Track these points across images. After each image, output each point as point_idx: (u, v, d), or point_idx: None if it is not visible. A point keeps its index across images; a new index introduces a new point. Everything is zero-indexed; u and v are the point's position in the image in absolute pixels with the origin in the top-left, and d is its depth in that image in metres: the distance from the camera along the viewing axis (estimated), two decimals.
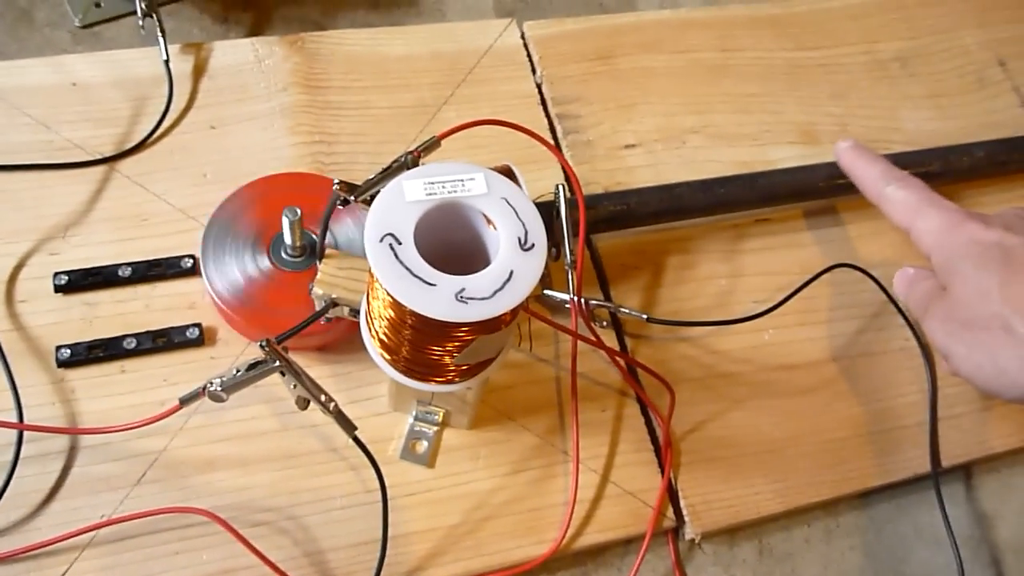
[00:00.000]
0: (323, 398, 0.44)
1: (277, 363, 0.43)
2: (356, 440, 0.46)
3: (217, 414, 0.53)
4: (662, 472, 0.57)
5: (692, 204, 0.62)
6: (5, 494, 0.49)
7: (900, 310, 0.65)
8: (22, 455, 0.50)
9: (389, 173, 0.45)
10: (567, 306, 0.57)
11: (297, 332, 0.45)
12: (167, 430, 0.52)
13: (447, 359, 0.42)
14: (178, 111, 0.62)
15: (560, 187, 0.57)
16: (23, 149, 0.59)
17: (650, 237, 0.64)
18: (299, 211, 0.51)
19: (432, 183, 0.39)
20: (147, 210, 0.58)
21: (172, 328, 0.55)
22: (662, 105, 0.70)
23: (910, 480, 0.61)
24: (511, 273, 0.38)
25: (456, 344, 0.40)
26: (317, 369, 0.55)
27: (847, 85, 0.75)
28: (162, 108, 0.61)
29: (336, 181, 0.45)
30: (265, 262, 0.54)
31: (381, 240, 0.37)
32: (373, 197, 0.45)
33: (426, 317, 0.37)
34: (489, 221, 0.39)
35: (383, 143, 0.64)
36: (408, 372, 0.44)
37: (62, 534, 0.48)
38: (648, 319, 0.57)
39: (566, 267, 0.56)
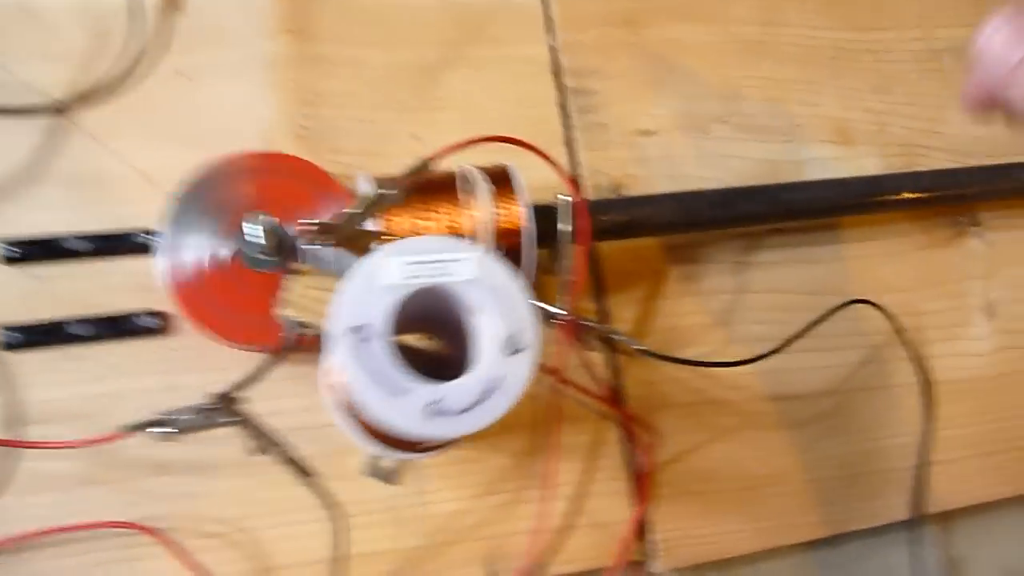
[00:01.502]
0: (278, 449, 0.41)
1: (234, 419, 0.39)
2: (313, 487, 0.43)
3: None
4: (639, 504, 0.54)
5: (708, 219, 0.56)
6: None
7: (907, 344, 0.61)
8: None
9: (368, 207, 0.40)
10: (554, 321, 0.53)
11: (256, 380, 0.41)
12: (118, 425, 0.49)
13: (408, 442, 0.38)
14: (146, 52, 0.55)
15: (563, 197, 0.51)
16: None
17: (655, 242, 0.59)
18: (273, 220, 0.45)
19: (413, 263, 0.34)
20: (105, 171, 0.52)
21: (129, 314, 0.50)
22: (689, 86, 0.63)
23: None
24: (493, 382, 0.33)
25: None
26: (279, 369, 0.51)
27: (893, 77, 0.68)
28: (127, 47, 0.54)
29: (304, 222, 0.39)
30: (228, 256, 0.49)
31: (348, 334, 0.33)
32: (347, 238, 0.40)
33: None
34: (476, 312, 0.35)
35: (375, 109, 0.57)
36: (370, 434, 0.40)
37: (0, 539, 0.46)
38: (640, 350, 0.54)
39: (559, 287, 0.51)
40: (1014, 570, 0.62)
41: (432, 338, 0.42)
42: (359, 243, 0.40)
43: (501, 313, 0.34)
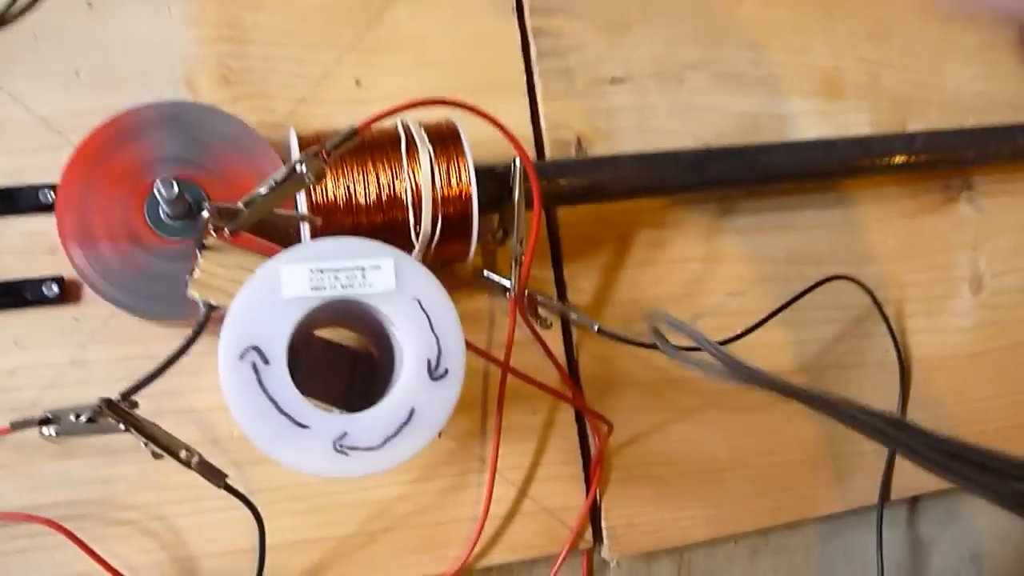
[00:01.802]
0: (183, 454, 0.36)
1: (122, 426, 0.34)
2: (229, 489, 0.39)
3: (79, 389, 0.45)
4: (588, 491, 0.51)
5: (676, 183, 0.51)
6: None
7: (887, 319, 0.57)
8: None
9: (279, 190, 0.34)
10: (507, 295, 0.48)
11: (151, 382, 0.36)
12: (17, 405, 0.44)
13: None
14: None
15: (517, 162, 0.46)
16: None
17: (618, 205, 0.54)
18: (175, 185, 0.40)
19: (322, 272, 0.29)
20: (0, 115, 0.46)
21: (27, 280, 0.45)
22: (664, 29, 0.57)
23: None
24: (411, 412, 0.29)
25: None
26: (199, 344, 0.46)
27: (891, 22, 0.61)
28: None
29: (207, 205, 0.34)
30: (138, 220, 0.44)
31: (242, 356, 0.28)
32: (259, 224, 0.34)
33: None
34: (395, 327, 0.30)
35: (309, 47, 0.51)
36: None
37: None
38: (600, 330, 0.49)
39: (512, 259, 0.46)
40: (980, 554, 0.60)
41: (356, 334, 0.37)
42: (272, 229, 0.35)
43: (423, 331, 0.29)
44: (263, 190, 0.34)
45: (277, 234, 0.40)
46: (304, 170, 0.34)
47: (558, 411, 0.52)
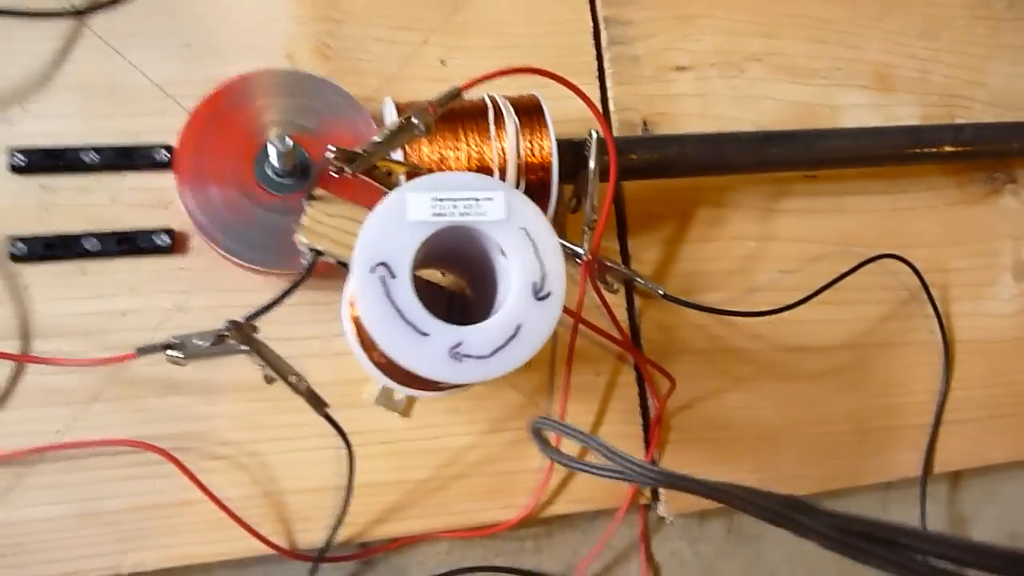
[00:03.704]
0: (292, 378, 0.40)
1: (243, 347, 0.38)
2: (327, 418, 0.43)
3: (182, 332, 0.49)
4: (647, 449, 0.54)
5: (738, 162, 0.54)
6: None
7: (932, 300, 0.60)
8: None
9: (395, 137, 0.38)
10: (578, 261, 0.52)
11: (271, 308, 0.39)
12: (127, 344, 0.48)
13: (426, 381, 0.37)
14: None
15: (594, 134, 0.49)
16: None
17: (681, 183, 0.57)
18: (289, 139, 0.44)
19: (442, 200, 0.33)
20: (120, 81, 0.50)
21: (140, 231, 0.49)
22: (727, 20, 0.60)
23: None
24: (518, 328, 0.32)
25: None
26: (294, 295, 0.50)
27: (942, 21, 0.65)
28: None
29: (331, 148, 0.38)
30: (248, 177, 0.48)
31: (372, 270, 0.31)
32: (371, 167, 0.38)
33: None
34: (503, 253, 0.33)
35: (399, 29, 0.55)
36: (384, 371, 0.39)
37: (10, 451, 0.46)
38: (664, 295, 0.52)
39: (584, 227, 0.50)
40: (1019, 533, 0.62)
41: (452, 276, 0.41)
42: (383, 172, 0.38)
43: (529, 256, 0.33)
44: (378, 139, 0.38)
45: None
46: (416, 121, 0.37)
47: (620, 374, 0.55)
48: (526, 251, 0.33)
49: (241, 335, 0.37)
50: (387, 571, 0.52)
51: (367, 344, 0.38)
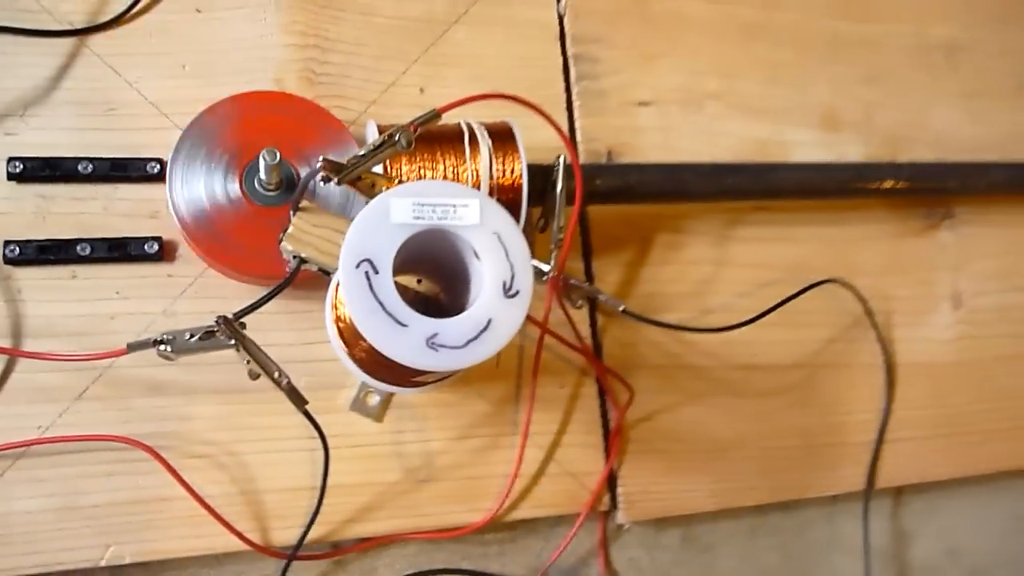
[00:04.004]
0: (276, 374, 0.43)
1: (232, 341, 0.41)
2: (307, 415, 0.45)
3: None
4: (606, 459, 0.57)
5: (695, 190, 0.58)
6: None
7: (875, 325, 0.64)
8: None
9: (379, 152, 0.42)
10: (544, 279, 0.55)
11: (259, 307, 0.42)
12: (115, 346, 0.50)
13: (402, 375, 0.40)
14: None
15: (561, 159, 0.53)
16: None
17: (642, 210, 0.61)
18: (278, 154, 0.47)
19: (422, 205, 0.36)
20: (116, 98, 0.53)
21: (130, 239, 0.51)
22: (688, 61, 0.65)
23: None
24: (489, 322, 0.35)
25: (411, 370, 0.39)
26: (274, 303, 0.53)
27: (885, 68, 0.70)
28: None
29: (321, 159, 0.41)
30: (235, 189, 0.51)
31: (357, 266, 0.34)
32: (356, 178, 0.41)
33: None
34: (477, 255, 0.37)
35: (381, 58, 0.59)
36: (362, 366, 0.42)
37: None
38: (624, 311, 0.56)
39: (551, 245, 0.53)
40: (957, 549, 0.66)
41: (427, 283, 0.44)
42: (367, 184, 0.42)
43: (500, 257, 0.36)
44: (363, 152, 0.41)
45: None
46: (398, 137, 0.41)
47: (582, 386, 0.58)
48: (497, 253, 0.36)
49: (229, 330, 0.40)
50: (357, 571, 0.54)
51: (349, 341, 0.41)
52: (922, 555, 0.65)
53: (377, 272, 0.35)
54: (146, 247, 0.52)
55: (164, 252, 0.52)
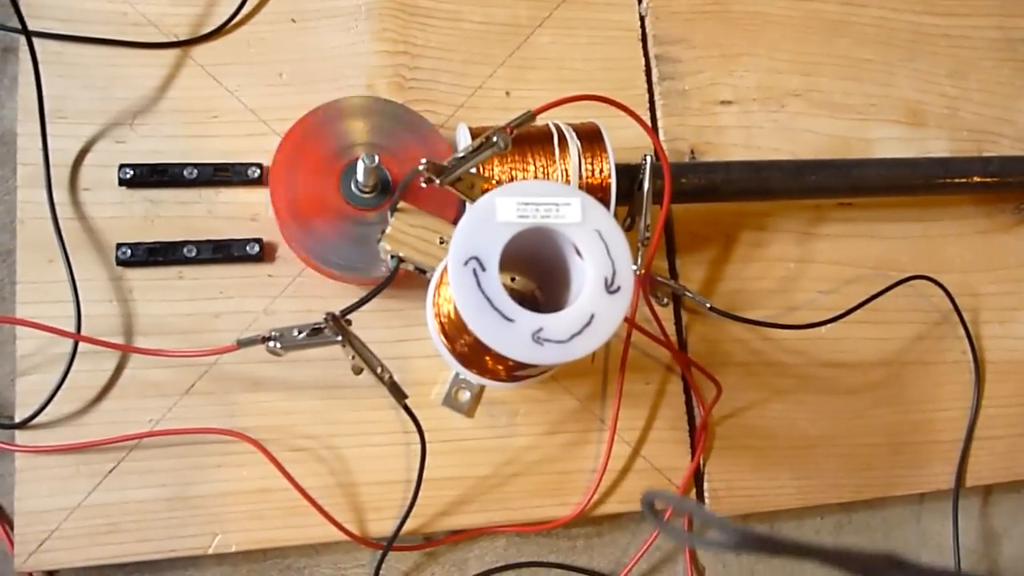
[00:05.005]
0: (379, 369, 0.44)
1: (339, 337, 0.42)
2: (406, 409, 0.47)
3: None
4: (692, 455, 0.58)
5: (779, 188, 0.58)
6: (61, 388, 0.50)
7: (964, 322, 0.63)
8: (79, 350, 0.51)
9: (478, 152, 0.43)
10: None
11: (363, 304, 0.44)
12: (219, 343, 0.53)
13: (502, 369, 0.41)
14: None
15: (648, 158, 0.54)
16: (95, 19, 0.55)
17: (726, 207, 0.61)
18: (376, 158, 0.48)
19: (526, 204, 0.37)
20: (218, 106, 0.56)
21: (233, 240, 0.54)
22: (769, 60, 0.65)
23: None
24: (592, 317, 0.36)
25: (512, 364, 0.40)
26: (368, 304, 0.55)
27: (969, 63, 0.69)
28: None
29: (423, 161, 0.42)
30: (332, 192, 0.52)
31: (466, 263, 0.36)
32: (456, 179, 0.43)
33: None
34: (579, 252, 0.38)
35: (469, 63, 0.60)
36: (463, 361, 0.44)
37: (112, 437, 0.50)
38: (711, 308, 0.56)
39: (639, 243, 0.54)
40: None
41: (522, 280, 0.45)
42: (467, 185, 0.43)
43: (601, 254, 0.37)
44: (462, 154, 0.43)
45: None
46: (496, 139, 0.42)
47: (668, 383, 0.59)
48: (599, 250, 0.37)
49: (336, 326, 0.42)
50: (448, 563, 0.55)
51: (450, 336, 0.42)
52: (1012, 554, 0.64)
53: (484, 269, 0.36)
54: (248, 248, 0.54)
55: (264, 253, 0.54)
